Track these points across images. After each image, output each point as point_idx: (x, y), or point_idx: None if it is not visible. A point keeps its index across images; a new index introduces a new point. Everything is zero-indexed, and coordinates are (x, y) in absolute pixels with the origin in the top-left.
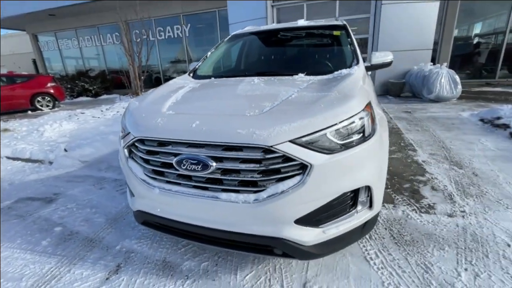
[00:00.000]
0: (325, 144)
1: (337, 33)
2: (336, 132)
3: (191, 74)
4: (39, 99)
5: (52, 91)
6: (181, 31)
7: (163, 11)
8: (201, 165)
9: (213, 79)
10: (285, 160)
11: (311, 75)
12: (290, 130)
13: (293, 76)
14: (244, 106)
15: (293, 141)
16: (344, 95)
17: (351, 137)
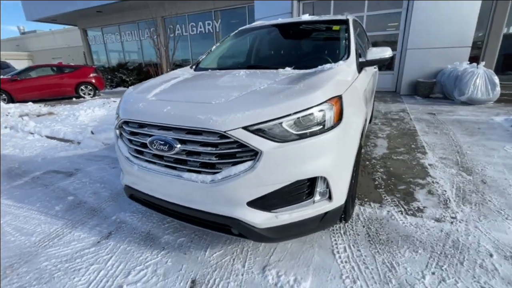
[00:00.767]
0: (277, 133)
1: (335, 28)
2: (292, 122)
3: (193, 67)
4: (82, 87)
5: (93, 81)
6: (212, 26)
7: (196, 7)
8: (167, 146)
9: (208, 71)
10: (239, 145)
11: (298, 69)
12: (243, 117)
13: (278, 70)
14: (214, 95)
15: (245, 128)
16: (308, 87)
17: (308, 128)
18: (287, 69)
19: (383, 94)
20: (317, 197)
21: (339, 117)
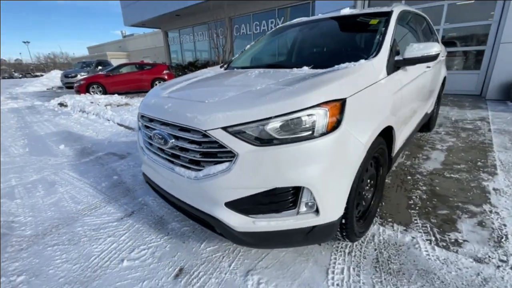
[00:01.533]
0: (258, 135)
1: (373, 22)
2: (277, 125)
3: (225, 65)
4: (156, 82)
5: (166, 77)
6: (275, 24)
7: (261, 6)
8: (163, 140)
9: (234, 70)
10: (219, 145)
11: (316, 68)
12: (224, 118)
13: (293, 69)
14: (212, 94)
15: (225, 129)
16: (304, 88)
17: (293, 133)
18: (304, 68)
19: (461, 98)
20: (302, 208)
21: (336, 123)
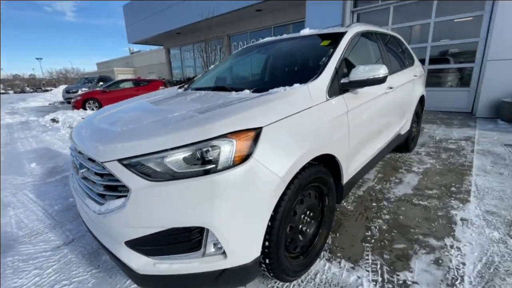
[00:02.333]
0: (155, 169)
1: (324, 43)
2: (179, 157)
3: (185, 85)
4: None
5: None
6: None
7: (258, 24)
8: (76, 169)
9: (186, 90)
10: (117, 179)
11: (257, 91)
12: (121, 149)
13: (232, 93)
14: (132, 121)
15: (120, 161)
16: (213, 117)
17: (193, 166)
18: (244, 92)
19: (451, 116)
20: (210, 250)
21: (245, 155)
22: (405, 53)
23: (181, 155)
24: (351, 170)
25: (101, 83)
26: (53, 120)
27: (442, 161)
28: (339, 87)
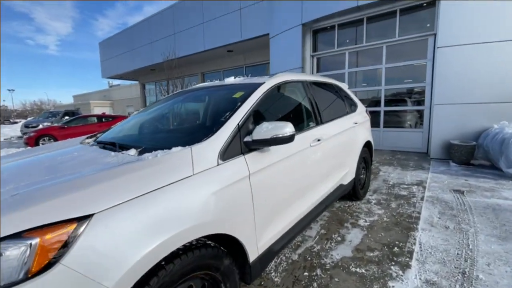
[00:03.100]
0: None
1: (237, 95)
2: None
3: (93, 137)
4: None
5: None
6: None
7: (230, 64)
8: None
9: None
10: None
11: (144, 151)
12: None
13: (117, 153)
14: None
15: None
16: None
17: None
18: (130, 151)
19: (409, 156)
20: None
21: (53, 259)
22: (344, 101)
23: None
24: (264, 241)
25: (66, 117)
26: None
27: (391, 211)
28: (241, 147)
